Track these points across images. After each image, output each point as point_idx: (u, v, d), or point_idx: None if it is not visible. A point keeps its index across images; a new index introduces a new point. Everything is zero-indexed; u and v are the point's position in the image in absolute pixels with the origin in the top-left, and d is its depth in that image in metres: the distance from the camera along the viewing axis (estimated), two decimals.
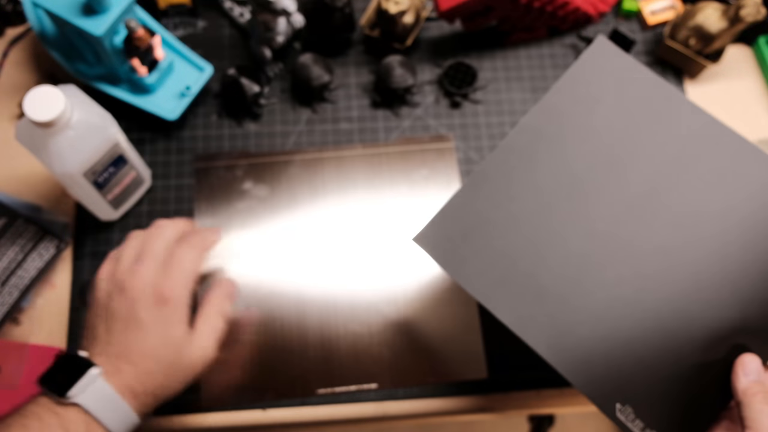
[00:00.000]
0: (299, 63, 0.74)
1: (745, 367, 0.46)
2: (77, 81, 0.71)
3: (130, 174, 0.66)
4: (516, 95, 0.78)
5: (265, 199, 0.71)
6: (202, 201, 0.71)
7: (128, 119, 0.74)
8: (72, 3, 0.62)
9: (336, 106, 0.77)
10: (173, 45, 0.74)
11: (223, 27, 0.80)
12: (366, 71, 0.79)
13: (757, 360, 0.47)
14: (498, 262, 0.51)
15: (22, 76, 0.76)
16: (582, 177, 0.52)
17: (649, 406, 0.47)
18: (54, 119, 0.53)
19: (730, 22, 0.72)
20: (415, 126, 0.76)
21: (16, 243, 0.65)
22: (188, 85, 0.72)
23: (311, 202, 0.71)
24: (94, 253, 0.69)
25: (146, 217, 0.71)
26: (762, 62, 0.81)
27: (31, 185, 0.71)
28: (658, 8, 0.82)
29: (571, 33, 0.82)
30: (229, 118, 0.76)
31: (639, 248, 0.50)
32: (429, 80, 0.79)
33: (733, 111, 0.79)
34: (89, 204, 0.66)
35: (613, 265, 0.50)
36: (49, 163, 0.57)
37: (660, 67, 0.80)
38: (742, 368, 0.46)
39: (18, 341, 0.64)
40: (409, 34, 0.77)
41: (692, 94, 0.79)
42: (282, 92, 0.77)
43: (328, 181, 0.72)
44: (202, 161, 0.73)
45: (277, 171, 0.73)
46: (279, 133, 0.76)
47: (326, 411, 0.65)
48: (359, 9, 0.81)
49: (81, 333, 0.66)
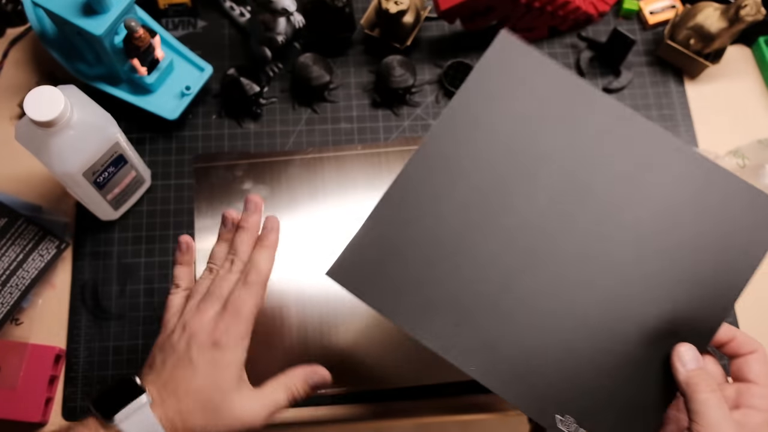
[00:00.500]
0: (299, 63, 0.74)
1: (682, 358, 0.46)
2: (77, 81, 0.71)
3: (130, 174, 0.66)
4: None
5: (264, 198, 0.71)
6: (201, 201, 0.71)
7: (128, 119, 0.74)
8: (72, 3, 0.62)
9: (336, 106, 0.77)
10: (173, 45, 0.74)
11: (223, 27, 0.80)
12: (366, 71, 0.79)
13: (693, 349, 0.46)
14: (417, 287, 0.49)
15: (22, 76, 0.76)
16: (492, 189, 0.50)
17: (591, 413, 0.46)
18: (54, 119, 0.53)
19: (730, 22, 0.73)
20: (415, 126, 0.76)
21: (16, 243, 0.65)
22: (188, 85, 0.72)
23: (311, 202, 0.71)
24: (94, 253, 0.69)
25: (146, 217, 0.71)
26: (762, 62, 0.81)
27: (31, 185, 0.71)
28: (658, 8, 0.82)
29: (571, 33, 0.82)
30: (229, 118, 0.76)
31: (559, 256, 0.49)
32: (429, 80, 0.79)
33: (733, 111, 0.79)
34: (89, 204, 0.66)
35: (534, 277, 0.48)
36: (49, 163, 0.57)
37: (660, 67, 0.80)
38: (680, 359, 0.46)
39: (18, 341, 0.64)
40: (409, 34, 0.77)
41: (692, 94, 0.79)
42: (282, 92, 0.77)
43: (328, 181, 0.72)
44: (202, 161, 0.73)
45: (277, 171, 0.73)
46: (279, 133, 0.76)
47: (326, 411, 0.65)
48: (359, 9, 0.81)
49: (80, 333, 0.67)
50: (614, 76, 0.79)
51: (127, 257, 0.69)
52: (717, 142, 0.77)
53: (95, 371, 0.65)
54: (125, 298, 0.68)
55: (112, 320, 0.67)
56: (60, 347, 0.65)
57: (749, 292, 0.72)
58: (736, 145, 0.73)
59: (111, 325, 0.67)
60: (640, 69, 0.80)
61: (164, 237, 0.70)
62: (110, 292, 0.68)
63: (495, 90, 0.52)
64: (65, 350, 0.66)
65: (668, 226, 0.49)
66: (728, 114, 0.79)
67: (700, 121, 0.78)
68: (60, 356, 0.65)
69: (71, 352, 0.66)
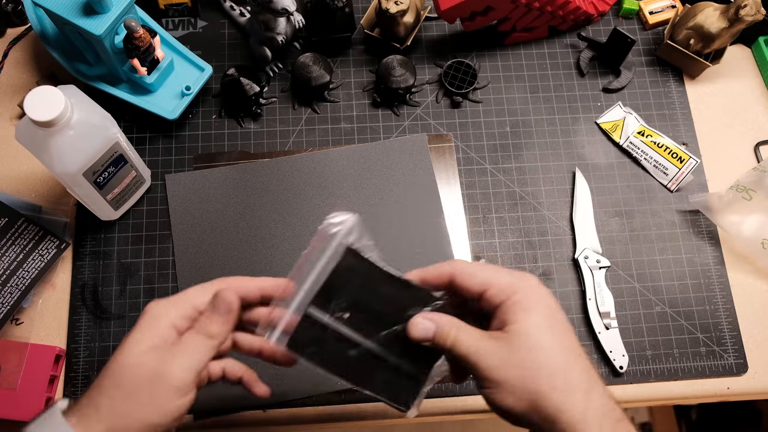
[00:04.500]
0: (299, 63, 0.74)
1: (418, 329, 0.45)
2: (77, 81, 0.71)
3: (130, 174, 0.66)
4: (516, 95, 0.78)
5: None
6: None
7: (128, 119, 0.74)
8: (72, 3, 0.62)
9: (336, 106, 0.77)
10: (173, 45, 0.74)
11: (223, 27, 0.80)
12: (366, 71, 0.79)
13: (421, 320, 0.45)
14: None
15: (22, 76, 0.76)
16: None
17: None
18: (54, 119, 0.53)
19: (730, 22, 0.73)
20: (415, 126, 0.76)
21: (16, 243, 0.65)
22: (188, 85, 0.72)
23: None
24: (94, 253, 0.69)
25: (146, 217, 0.71)
26: (762, 62, 0.81)
27: (31, 185, 0.71)
28: (658, 8, 0.82)
29: (571, 33, 0.82)
30: (229, 118, 0.76)
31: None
32: (429, 80, 0.79)
33: (733, 111, 0.79)
34: (89, 204, 0.66)
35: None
36: (49, 163, 0.57)
37: (660, 67, 0.80)
38: (422, 332, 0.44)
39: (18, 341, 0.64)
40: (409, 34, 0.77)
41: (692, 94, 0.79)
42: (282, 92, 0.77)
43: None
44: (202, 161, 0.73)
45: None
46: (279, 133, 0.76)
47: (326, 411, 0.65)
48: (359, 9, 0.81)
49: (80, 333, 0.66)
50: (614, 76, 0.79)
51: (127, 257, 0.69)
52: (717, 141, 0.77)
53: (95, 371, 0.65)
54: (125, 298, 0.68)
55: (112, 320, 0.67)
56: (60, 347, 0.65)
57: (749, 295, 0.72)
58: (735, 180, 0.71)
59: (111, 325, 0.67)
60: (640, 69, 0.80)
61: (164, 237, 0.70)
62: (110, 292, 0.68)
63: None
64: (65, 350, 0.66)
65: None
66: (728, 114, 0.79)
67: (700, 121, 0.78)
68: (60, 356, 0.65)
69: (71, 352, 0.66)
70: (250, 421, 0.65)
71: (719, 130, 0.78)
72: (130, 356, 0.43)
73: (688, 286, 0.71)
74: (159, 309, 0.45)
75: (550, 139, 0.77)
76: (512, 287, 0.44)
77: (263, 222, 0.71)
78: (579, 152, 0.76)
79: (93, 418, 0.42)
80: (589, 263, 0.70)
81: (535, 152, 0.76)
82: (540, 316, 0.43)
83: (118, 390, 0.43)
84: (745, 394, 0.69)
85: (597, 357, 0.68)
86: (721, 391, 0.68)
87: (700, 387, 0.68)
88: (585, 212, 0.73)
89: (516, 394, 0.41)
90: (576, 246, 0.71)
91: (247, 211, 0.71)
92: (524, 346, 0.42)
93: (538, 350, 0.42)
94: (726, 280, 0.71)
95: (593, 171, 0.75)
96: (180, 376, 0.43)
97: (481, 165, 0.75)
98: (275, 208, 0.71)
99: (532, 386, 0.41)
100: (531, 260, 0.71)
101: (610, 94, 0.79)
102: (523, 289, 0.44)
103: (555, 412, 0.41)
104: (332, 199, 0.71)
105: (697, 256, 0.72)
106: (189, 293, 0.47)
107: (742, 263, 0.72)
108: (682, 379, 0.68)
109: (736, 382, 0.68)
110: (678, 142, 0.75)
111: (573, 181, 0.75)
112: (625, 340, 0.68)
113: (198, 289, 0.47)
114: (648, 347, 0.68)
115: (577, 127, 0.77)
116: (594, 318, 0.68)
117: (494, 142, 0.76)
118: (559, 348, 0.43)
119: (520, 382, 0.41)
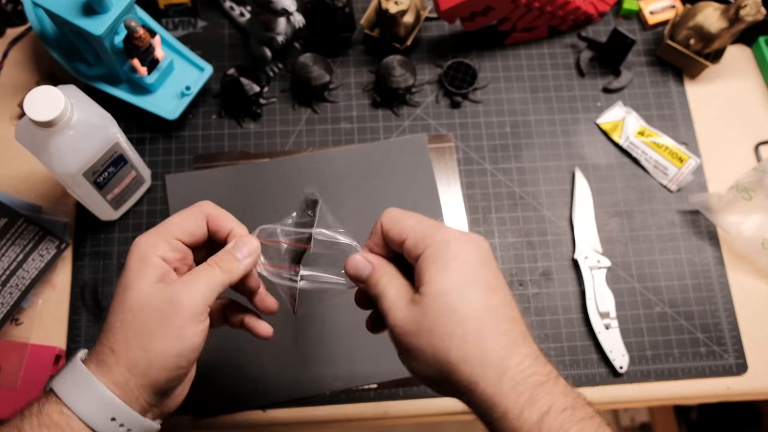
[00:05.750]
0: (299, 63, 0.74)
1: (354, 266, 0.44)
2: (77, 81, 0.71)
3: (130, 174, 0.66)
4: (516, 95, 0.78)
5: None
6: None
7: (128, 119, 0.74)
8: (72, 3, 0.62)
9: (336, 106, 0.77)
10: (173, 45, 0.74)
11: (223, 27, 0.80)
12: (366, 71, 0.79)
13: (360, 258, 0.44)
14: None
15: (22, 76, 0.76)
16: None
17: None
18: (54, 119, 0.53)
19: (730, 22, 0.73)
20: (415, 126, 0.76)
21: (16, 243, 0.65)
22: (188, 85, 0.72)
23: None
24: (94, 253, 0.69)
25: (146, 217, 0.71)
26: (762, 62, 0.81)
27: (31, 185, 0.71)
28: (658, 8, 0.82)
29: (571, 33, 0.82)
30: (229, 118, 0.76)
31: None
32: (429, 80, 0.79)
33: (733, 111, 0.79)
34: (89, 204, 0.66)
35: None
36: (49, 163, 0.57)
37: (660, 67, 0.80)
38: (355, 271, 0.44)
39: (18, 341, 0.64)
40: (409, 34, 0.77)
41: (692, 94, 0.79)
42: (282, 92, 0.77)
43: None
44: (202, 161, 0.73)
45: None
46: (279, 133, 0.76)
47: (326, 411, 0.65)
48: (359, 9, 0.81)
49: (80, 333, 0.66)
50: (614, 76, 0.79)
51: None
52: (717, 141, 0.77)
53: None
54: None
55: None
56: (60, 347, 0.65)
57: (749, 295, 0.72)
58: (735, 180, 0.71)
59: None
60: (640, 69, 0.80)
61: None
62: (110, 292, 0.68)
63: None
64: (65, 350, 0.66)
65: None
66: (728, 114, 0.79)
67: (700, 121, 0.78)
68: (60, 356, 0.65)
69: (71, 352, 0.66)
70: (250, 421, 0.65)
71: (719, 130, 0.78)
72: (133, 292, 0.42)
73: (688, 286, 0.71)
74: (148, 243, 0.44)
75: (550, 139, 0.77)
76: (426, 240, 0.40)
77: (263, 222, 0.71)
78: (579, 152, 0.76)
79: (111, 360, 0.41)
80: (589, 263, 0.70)
81: (535, 152, 0.76)
82: (455, 273, 0.39)
83: (130, 328, 0.41)
84: (745, 394, 0.69)
85: (597, 357, 0.68)
86: (721, 391, 0.68)
87: (700, 387, 0.68)
88: (585, 212, 0.73)
89: (429, 364, 0.39)
90: (576, 246, 0.71)
91: (247, 211, 0.71)
92: (434, 310, 0.38)
93: (449, 315, 0.38)
94: (726, 280, 0.71)
95: (593, 171, 0.75)
96: (192, 303, 0.42)
97: (481, 165, 0.75)
98: (275, 208, 0.71)
99: (441, 356, 0.38)
100: (531, 260, 0.71)
101: (610, 94, 0.79)
102: (437, 242, 0.40)
103: (468, 384, 0.38)
104: (332, 199, 0.71)
105: (697, 256, 0.72)
106: (173, 223, 0.45)
107: (742, 263, 0.72)
108: (682, 379, 0.68)
109: (736, 382, 0.68)
110: (678, 142, 0.75)
111: (573, 181, 0.75)
112: (625, 340, 0.68)
113: (180, 217, 0.46)
114: (648, 347, 0.68)
115: (577, 127, 0.77)
116: (594, 318, 0.68)
117: (494, 143, 0.76)
118: (475, 311, 0.39)
119: (431, 350, 0.38)
